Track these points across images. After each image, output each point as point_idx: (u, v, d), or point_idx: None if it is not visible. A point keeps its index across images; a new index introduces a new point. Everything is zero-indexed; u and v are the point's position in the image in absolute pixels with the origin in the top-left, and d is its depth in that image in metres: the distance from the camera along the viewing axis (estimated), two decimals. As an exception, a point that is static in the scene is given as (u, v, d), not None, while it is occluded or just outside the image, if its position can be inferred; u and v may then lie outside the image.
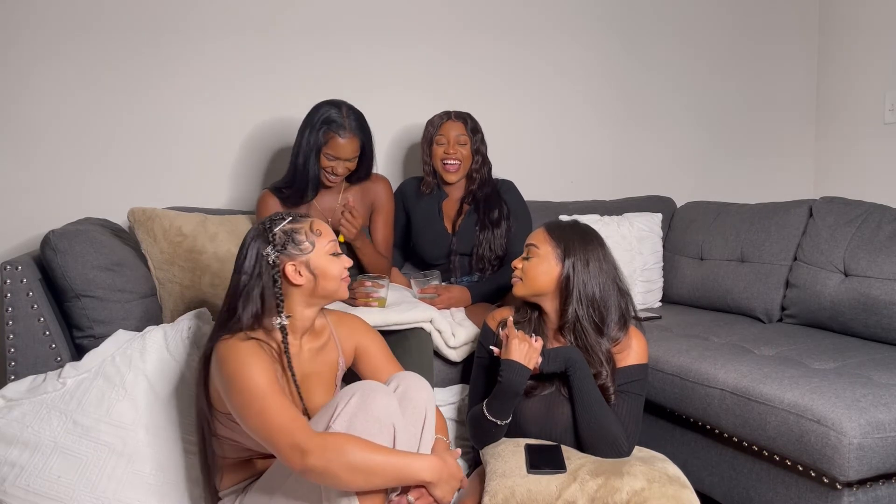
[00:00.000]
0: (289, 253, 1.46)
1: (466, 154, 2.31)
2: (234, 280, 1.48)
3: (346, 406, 1.36)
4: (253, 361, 1.36)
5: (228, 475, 1.53)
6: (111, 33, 2.37)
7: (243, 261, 1.47)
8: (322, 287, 1.49)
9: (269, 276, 1.45)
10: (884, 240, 2.07)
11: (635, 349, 1.71)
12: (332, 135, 2.05)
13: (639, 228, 2.69)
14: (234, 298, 1.46)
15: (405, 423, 1.42)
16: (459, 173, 2.32)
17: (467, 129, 2.31)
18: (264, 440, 1.32)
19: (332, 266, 1.50)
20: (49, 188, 2.33)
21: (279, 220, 1.49)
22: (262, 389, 1.33)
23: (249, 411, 1.33)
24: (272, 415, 1.31)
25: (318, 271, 1.48)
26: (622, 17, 3.07)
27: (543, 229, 1.75)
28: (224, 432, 1.48)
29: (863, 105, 3.19)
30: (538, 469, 1.53)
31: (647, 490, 1.45)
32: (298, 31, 2.58)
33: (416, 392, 1.48)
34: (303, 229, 1.49)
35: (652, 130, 3.17)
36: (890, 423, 1.52)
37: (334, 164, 2.09)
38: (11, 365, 1.76)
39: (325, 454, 1.26)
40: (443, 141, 2.31)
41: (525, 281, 1.71)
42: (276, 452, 1.31)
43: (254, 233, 1.49)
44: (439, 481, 1.37)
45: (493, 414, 1.65)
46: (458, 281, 2.33)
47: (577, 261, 1.69)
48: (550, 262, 1.69)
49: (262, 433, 1.32)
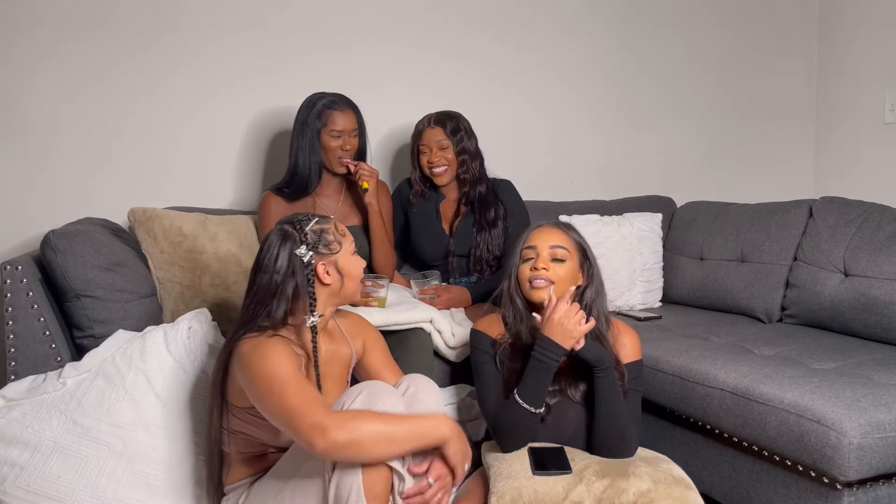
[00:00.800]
0: (320, 252, 1.49)
1: (451, 157, 2.32)
2: (262, 279, 1.47)
3: (352, 403, 1.37)
4: (278, 353, 1.38)
5: (236, 471, 1.54)
6: (112, 33, 2.37)
7: (274, 261, 1.46)
8: (346, 287, 1.53)
9: (303, 276, 1.46)
10: (884, 240, 2.07)
11: (629, 345, 1.71)
12: (329, 111, 2.13)
13: (639, 228, 2.69)
14: (263, 297, 1.46)
15: None
16: (447, 176, 2.33)
17: (447, 133, 2.30)
18: (285, 423, 1.31)
19: (356, 266, 1.55)
20: (49, 188, 2.33)
21: (306, 221, 1.50)
22: (283, 374, 1.35)
23: (270, 396, 1.33)
24: (291, 396, 1.31)
25: (344, 271, 1.52)
26: (622, 16, 3.07)
27: (564, 234, 1.71)
28: (239, 426, 1.49)
29: (863, 105, 3.19)
30: (544, 470, 1.53)
31: (653, 491, 1.46)
32: (299, 32, 2.58)
33: (426, 394, 1.49)
34: (330, 229, 1.52)
35: (652, 130, 3.17)
36: (890, 423, 1.52)
37: (340, 141, 2.14)
38: (11, 365, 1.76)
39: (347, 426, 1.27)
40: (425, 150, 2.32)
41: (557, 285, 1.65)
42: (298, 434, 1.30)
43: (280, 233, 1.49)
44: (454, 436, 1.38)
45: (526, 399, 1.58)
46: (456, 282, 2.33)
47: (593, 268, 1.69)
48: (575, 266, 1.68)
49: (282, 416, 1.32)
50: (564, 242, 1.68)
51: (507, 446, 1.63)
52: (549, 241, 1.68)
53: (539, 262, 1.66)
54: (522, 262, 1.70)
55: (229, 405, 1.48)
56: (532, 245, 1.69)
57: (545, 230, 1.71)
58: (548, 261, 1.66)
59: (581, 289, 1.70)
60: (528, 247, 1.70)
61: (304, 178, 2.17)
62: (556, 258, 1.67)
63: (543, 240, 1.68)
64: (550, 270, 1.65)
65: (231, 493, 1.54)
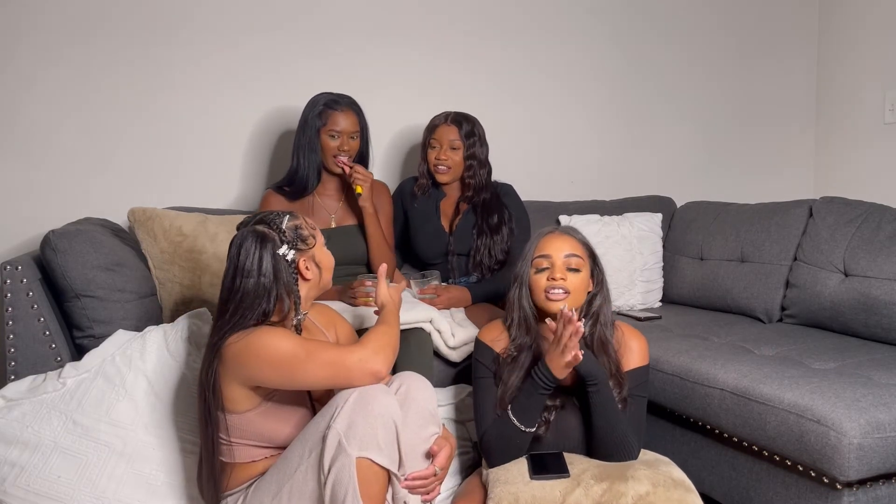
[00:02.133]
0: (299, 248, 1.49)
1: (458, 160, 2.30)
2: (247, 285, 1.43)
3: (345, 404, 1.36)
4: (278, 333, 1.41)
5: (235, 477, 1.52)
6: (113, 35, 2.37)
7: (258, 264, 1.43)
8: (324, 279, 1.55)
9: (289, 276, 1.46)
10: (884, 240, 2.07)
11: (637, 351, 1.68)
12: (329, 111, 2.14)
13: (639, 228, 2.69)
14: (251, 302, 1.43)
15: (408, 421, 1.43)
16: (449, 176, 2.32)
17: (460, 134, 2.29)
18: (331, 377, 1.39)
19: (329, 257, 1.57)
20: (49, 188, 2.33)
21: (279, 218, 1.49)
22: (299, 342, 1.40)
23: (302, 363, 1.38)
24: (322, 352, 1.40)
25: (322, 264, 1.54)
26: (622, 17, 3.07)
27: (577, 241, 1.66)
28: (240, 434, 1.46)
29: (863, 105, 3.19)
30: (541, 474, 1.52)
31: (652, 494, 1.45)
32: (301, 33, 2.58)
33: (419, 392, 1.49)
34: (302, 224, 1.52)
35: (652, 130, 3.17)
36: (890, 423, 1.52)
37: (338, 141, 2.14)
38: (11, 365, 1.76)
39: (380, 354, 1.42)
40: (435, 145, 2.31)
41: (573, 295, 1.60)
42: (349, 379, 1.39)
43: (255, 235, 1.46)
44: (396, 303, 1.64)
45: (519, 417, 1.56)
46: (456, 282, 2.32)
47: (602, 273, 1.67)
48: (588, 274, 1.65)
49: (323, 372, 1.39)
50: (578, 250, 1.64)
51: (493, 461, 1.61)
52: (563, 249, 1.63)
53: (556, 272, 1.61)
54: (536, 271, 1.64)
55: (227, 414, 1.45)
56: (546, 254, 1.63)
57: (558, 238, 1.66)
58: (564, 270, 1.61)
59: (591, 295, 1.67)
60: (540, 255, 1.64)
61: (304, 176, 2.17)
62: (571, 267, 1.62)
63: (557, 248, 1.63)
64: (567, 281, 1.61)
65: (228, 497, 1.53)
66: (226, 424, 1.45)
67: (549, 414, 1.63)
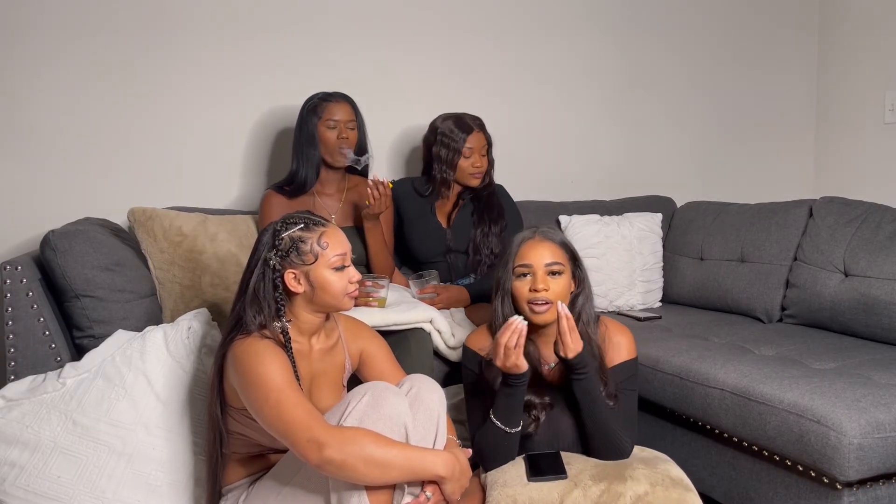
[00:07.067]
0: (290, 261, 1.46)
1: (486, 164, 2.36)
2: (245, 278, 1.48)
3: (357, 404, 1.36)
4: (269, 358, 1.38)
5: (234, 470, 1.54)
6: (113, 35, 2.36)
7: (252, 261, 1.48)
8: (320, 298, 1.48)
9: (270, 281, 1.45)
10: (884, 240, 2.07)
11: (624, 345, 1.67)
12: (324, 103, 2.19)
13: (639, 228, 2.69)
14: (250, 299, 1.46)
15: (417, 423, 1.42)
16: (482, 181, 2.36)
17: (487, 140, 2.36)
18: (281, 434, 1.32)
19: (334, 282, 1.47)
20: (49, 188, 2.33)
21: (291, 224, 1.48)
22: (278, 384, 1.34)
23: (266, 406, 1.33)
24: (289, 409, 1.32)
25: (317, 283, 1.47)
26: (621, 17, 3.07)
27: (557, 246, 1.64)
28: (236, 427, 1.49)
29: (863, 105, 3.19)
30: (539, 476, 1.52)
31: (650, 494, 1.45)
32: (301, 33, 2.58)
33: (429, 394, 1.48)
34: (311, 239, 1.47)
35: (652, 130, 3.17)
36: (890, 423, 1.52)
37: (337, 130, 2.17)
38: (11, 365, 1.76)
39: (343, 447, 1.27)
40: (470, 154, 2.32)
41: (556, 300, 1.58)
42: (293, 446, 1.31)
43: (267, 234, 1.49)
44: (452, 477, 1.37)
45: (501, 419, 1.56)
46: (456, 282, 2.32)
47: (583, 272, 1.67)
48: (569, 277, 1.64)
49: (278, 427, 1.32)
50: (558, 257, 1.62)
51: (487, 465, 1.62)
52: (544, 257, 1.61)
53: (538, 282, 1.59)
54: (517, 277, 1.63)
55: (227, 406, 1.48)
56: (527, 263, 1.62)
57: (537, 245, 1.63)
58: (545, 279, 1.60)
59: (573, 295, 1.67)
60: (521, 265, 1.62)
61: (303, 175, 2.18)
62: (553, 271, 1.61)
63: (538, 256, 1.61)
64: (550, 290, 1.59)
65: (230, 493, 1.54)
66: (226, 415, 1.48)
67: (539, 412, 1.63)
